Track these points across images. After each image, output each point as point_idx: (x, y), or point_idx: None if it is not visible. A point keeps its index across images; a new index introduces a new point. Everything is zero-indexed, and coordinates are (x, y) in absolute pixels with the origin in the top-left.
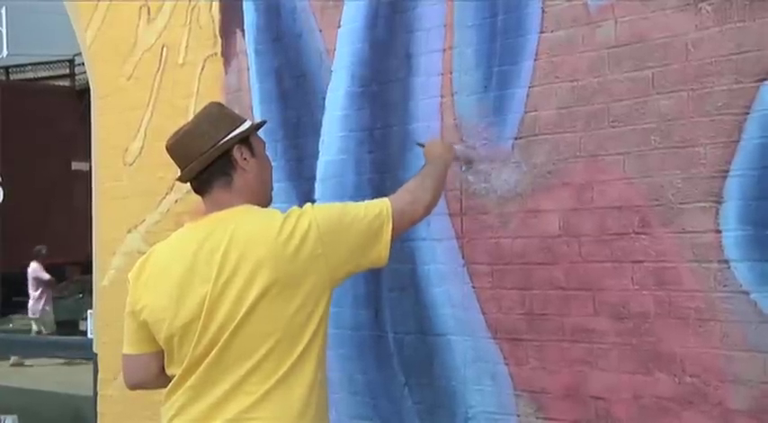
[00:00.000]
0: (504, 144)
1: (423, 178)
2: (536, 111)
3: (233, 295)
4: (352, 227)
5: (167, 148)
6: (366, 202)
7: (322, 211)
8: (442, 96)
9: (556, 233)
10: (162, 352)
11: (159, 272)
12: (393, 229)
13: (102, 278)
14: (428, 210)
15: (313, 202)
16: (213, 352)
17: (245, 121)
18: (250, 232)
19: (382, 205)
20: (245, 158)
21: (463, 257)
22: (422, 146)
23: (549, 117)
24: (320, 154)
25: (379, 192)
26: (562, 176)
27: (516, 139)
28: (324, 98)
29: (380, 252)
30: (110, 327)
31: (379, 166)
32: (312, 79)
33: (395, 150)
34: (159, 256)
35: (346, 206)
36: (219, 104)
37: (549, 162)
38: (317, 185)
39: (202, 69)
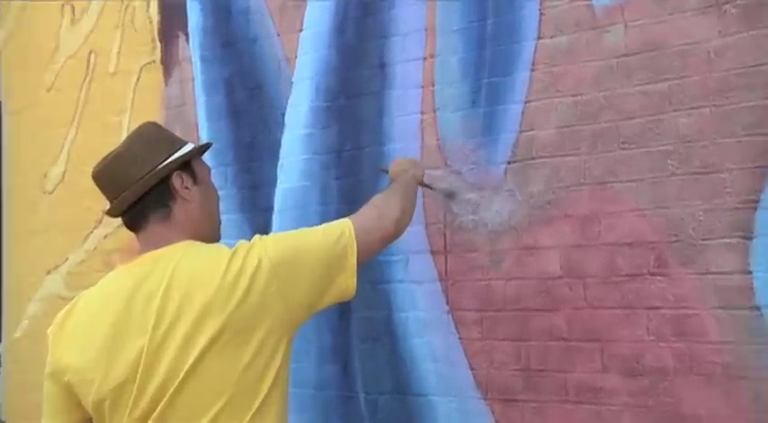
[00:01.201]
0: (496, 169)
1: (388, 193)
2: (533, 130)
3: (175, 347)
4: (309, 255)
5: (94, 176)
6: (324, 225)
7: (274, 242)
8: (422, 113)
9: (556, 274)
10: (90, 421)
11: (86, 324)
12: (359, 251)
13: (13, 330)
14: (399, 226)
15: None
16: (153, 417)
17: (187, 143)
18: (193, 272)
19: (343, 226)
20: (186, 187)
21: (447, 303)
22: (386, 171)
23: (547, 137)
24: (279, 181)
25: None
26: (564, 207)
27: (510, 163)
28: (283, 114)
29: (347, 281)
30: (23, 390)
31: (348, 195)
32: (269, 92)
33: (367, 176)
34: (86, 304)
35: (301, 233)
36: (156, 124)
37: (549, 190)
38: (275, 217)
39: (138, 80)
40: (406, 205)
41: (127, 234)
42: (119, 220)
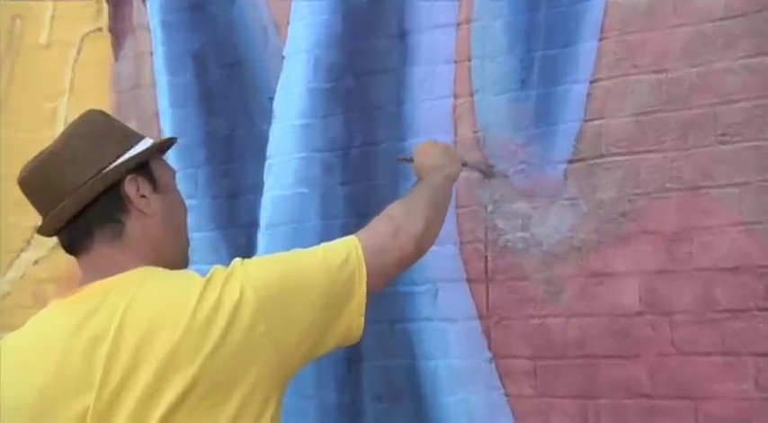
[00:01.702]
0: (553, 170)
1: (410, 198)
2: (602, 118)
3: (130, 409)
4: (306, 285)
5: (21, 182)
6: (323, 245)
7: (259, 268)
8: (455, 96)
9: (634, 309)
10: None
11: (10, 379)
12: (369, 279)
13: None
14: (422, 244)
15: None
16: None
17: (144, 138)
18: (154, 308)
19: (349, 246)
20: (142, 195)
21: (490, 348)
22: (408, 160)
23: (622, 128)
24: (266, 187)
25: None
26: (644, 220)
27: (571, 162)
28: (271, 99)
29: (352, 319)
30: None
31: (358, 205)
32: (252, 69)
33: (382, 180)
34: (9, 352)
35: (294, 256)
36: (103, 113)
37: (623, 198)
38: (261, 236)
39: (78, 53)
40: (433, 215)
41: (65, 258)
42: (54, 240)
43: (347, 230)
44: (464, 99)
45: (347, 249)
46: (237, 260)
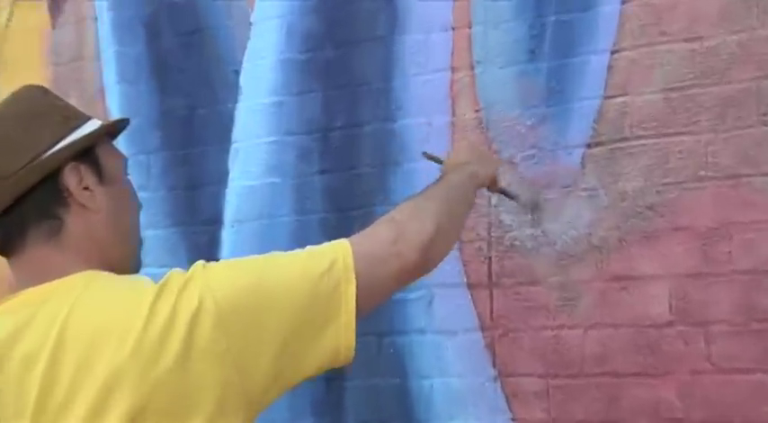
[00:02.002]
0: (568, 157)
1: (421, 198)
2: (625, 94)
3: None
4: (278, 297)
5: None
6: (307, 249)
7: (223, 274)
8: (453, 70)
9: (664, 319)
10: None
11: None
12: (360, 293)
13: None
14: (430, 255)
15: (215, 260)
16: None
17: (89, 119)
18: (98, 322)
19: (336, 252)
20: (86, 187)
21: (494, 365)
22: (437, 160)
23: (648, 106)
24: (231, 176)
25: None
26: (674, 214)
27: (589, 146)
28: (237, 72)
29: (340, 339)
30: None
31: (340, 198)
32: (215, 38)
33: (367, 169)
34: None
35: (268, 261)
36: (41, 89)
37: (651, 189)
38: (226, 234)
39: (9, 20)
40: (446, 220)
41: None
42: None
43: (326, 227)
44: (463, 73)
45: (333, 255)
46: (199, 263)
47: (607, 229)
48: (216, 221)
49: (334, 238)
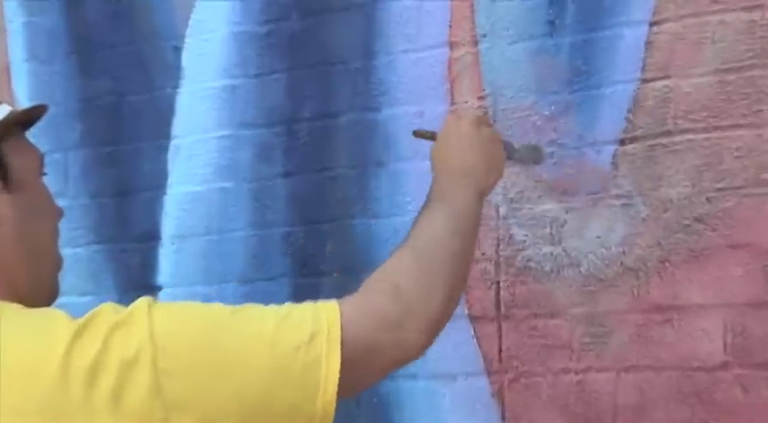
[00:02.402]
0: (596, 155)
1: (432, 246)
2: (668, 77)
3: None
4: (239, 368)
5: None
6: (287, 306)
7: (172, 324)
8: (451, 46)
9: (717, 360)
10: None
11: None
12: (342, 381)
13: None
14: (436, 332)
15: (153, 293)
16: None
17: None
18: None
19: (320, 322)
20: None
21: (503, 418)
22: (428, 136)
23: (697, 92)
24: (171, 180)
25: (310, 268)
26: (730, 229)
27: (623, 142)
28: (178, 49)
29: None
30: None
31: (309, 207)
32: (150, 6)
33: (344, 170)
34: None
35: (236, 316)
36: None
37: (700, 196)
38: (164, 253)
39: None
40: (459, 279)
41: None
42: None
43: (292, 245)
44: (465, 49)
45: (316, 326)
46: (143, 302)
47: (646, 246)
48: (151, 238)
49: (302, 258)
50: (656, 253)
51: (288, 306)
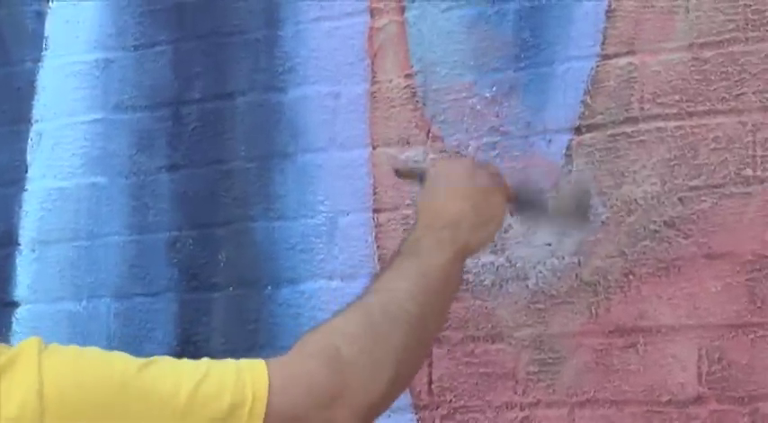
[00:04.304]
0: (547, 145)
1: (388, 311)
2: (633, 53)
3: None
4: None
5: None
6: (206, 364)
7: (67, 374)
8: (372, 13)
9: (692, 393)
10: None
11: None
12: None
13: None
14: (373, 416)
15: (8, 311)
16: None
17: None
18: None
19: (243, 389)
20: None
21: None
22: (414, 176)
23: (668, 71)
24: (29, 174)
25: (201, 281)
26: (706, 235)
27: (579, 131)
28: (40, 14)
29: None
30: None
31: (198, 207)
32: None
33: (242, 163)
34: None
35: (143, 372)
36: None
37: (672, 195)
38: (22, 262)
39: None
40: (412, 357)
41: None
42: None
43: (179, 252)
44: (389, 17)
45: (238, 395)
46: (33, 342)
47: (606, 256)
48: (6, 243)
49: (190, 268)
50: (619, 264)
51: (206, 364)
